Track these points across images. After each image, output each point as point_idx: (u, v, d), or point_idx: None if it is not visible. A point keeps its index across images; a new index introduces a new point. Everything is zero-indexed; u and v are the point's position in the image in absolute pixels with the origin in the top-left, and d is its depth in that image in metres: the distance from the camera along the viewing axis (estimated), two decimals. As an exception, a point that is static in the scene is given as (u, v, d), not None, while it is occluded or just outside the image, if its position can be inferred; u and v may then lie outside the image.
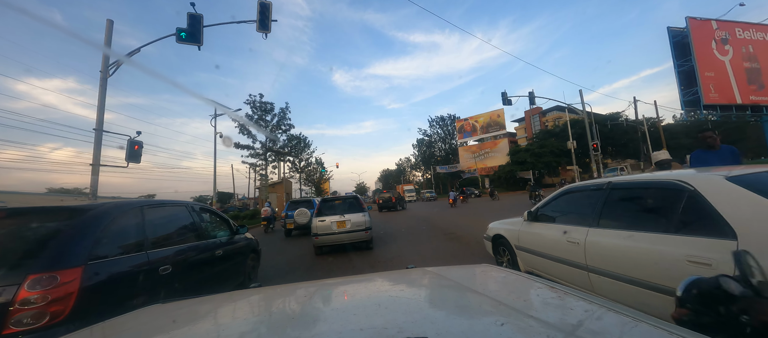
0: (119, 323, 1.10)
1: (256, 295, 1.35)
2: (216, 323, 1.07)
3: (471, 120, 54.72)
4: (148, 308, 1.26)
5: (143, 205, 2.75)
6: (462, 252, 6.45)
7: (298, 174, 41.89)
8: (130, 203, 2.73)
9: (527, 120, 61.48)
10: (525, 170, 43.06)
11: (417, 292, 1.20)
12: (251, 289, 1.47)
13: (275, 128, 27.04)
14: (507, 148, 49.33)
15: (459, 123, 56.64)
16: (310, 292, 1.25)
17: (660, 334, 0.66)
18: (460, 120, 56.44)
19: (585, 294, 0.95)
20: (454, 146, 63.30)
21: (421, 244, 7.98)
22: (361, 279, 1.51)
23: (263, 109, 26.18)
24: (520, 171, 43.56)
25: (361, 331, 0.76)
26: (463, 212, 16.81)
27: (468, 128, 55.10)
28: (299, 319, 0.96)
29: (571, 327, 0.73)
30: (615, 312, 0.80)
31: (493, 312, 0.88)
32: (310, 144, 42.31)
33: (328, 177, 64.93)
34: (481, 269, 1.44)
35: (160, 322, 1.06)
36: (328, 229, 6.83)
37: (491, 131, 52.24)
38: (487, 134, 52.85)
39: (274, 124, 27.42)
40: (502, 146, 50.13)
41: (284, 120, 27.92)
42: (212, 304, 1.28)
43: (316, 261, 6.55)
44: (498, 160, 49.54)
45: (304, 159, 42.23)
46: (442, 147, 64.15)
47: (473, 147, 54.34)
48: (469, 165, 52.30)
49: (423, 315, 0.91)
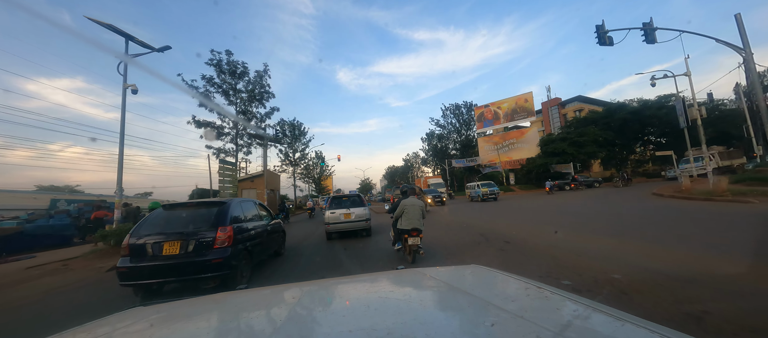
0: (97, 326, 1.05)
1: (243, 297, 1.32)
2: (198, 327, 1.03)
3: (493, 106, 47.61)
4: (128, 311, 1.22)
5: (241, 201, 5.75)
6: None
7: (292, 167, 35.36)
8: (236, 199, 5.60)
9: (545, 113, 54.25)
10: (563, 163, 35.99)
11: (407, 293, 1.19)
12: (238, 291, 1.44)
13: (250, 99, 20.22)
14: (536, 137, 42.21)
15: (478, 110, 49.55)
16: (297, 294, 1.23)
17: (644, 334, 0.66)
18: (480, 107, 49.35)
19: (572, 295, 0.95)
20: (471, 137, 56.27)
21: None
22: (351, 281, 1.52)
23: (232, 71, 18.93)
24: (555, 163, 36.50)
25: (349, 333, 0.74)
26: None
27: (489, 116, 48.01)
28: (286, 322, 0.93)
29: (559, 327, 0.74)
30: (601, 313, 0.80)
31: (482, 313, 0.87)
32: (305, 132, 35.78)
33: (331, 172, 58.60)
34: (470, 270, 1.46)
35: (138, 326, 1.02)
36: (337, 219, 8.95)
37: (517, 119, 45.08)
38: (511, 122, 45.69)
39: (246, 94, 20.19)
40: (530, 136, 42.99)
41: (261, 88, 20.60)
42: (196, 307, 1.23)
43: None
44: (524, 152, 42.49)
45: (299, 150, 35.68)
46: (457, 139, 57.18)
47: (495, 137, 47.26)
48: (490, 158, 45.29)
49: (413, 317, 0.89)
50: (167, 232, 4.44)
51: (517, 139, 44.16)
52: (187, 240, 4.35)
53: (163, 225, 4.60)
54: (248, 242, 5.10)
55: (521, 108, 44.51)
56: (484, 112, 48.58)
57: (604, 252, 5.32)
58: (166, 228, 4.52)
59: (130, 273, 4.21)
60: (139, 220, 5.01)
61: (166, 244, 4.31)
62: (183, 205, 5.47)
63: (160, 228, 4.51)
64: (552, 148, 37.26)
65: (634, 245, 5.71)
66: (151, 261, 4.25)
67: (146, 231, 4.46)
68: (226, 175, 15.72)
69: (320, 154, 55.76)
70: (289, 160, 34.89)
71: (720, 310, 2.75)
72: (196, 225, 4.58)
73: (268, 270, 5.99)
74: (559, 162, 36.44)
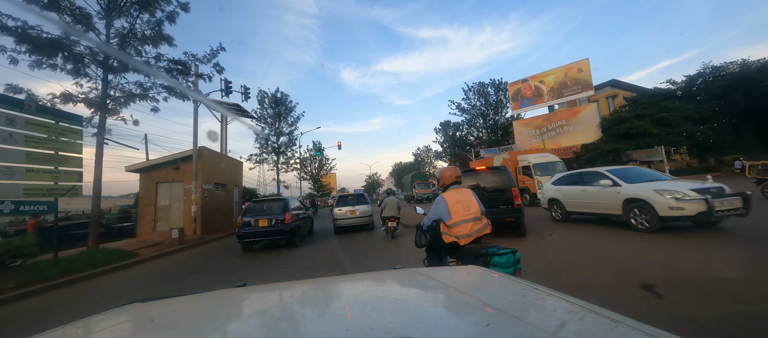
0: (96, 322, 1.05)
1: (240, 295, 1.29)
2: (197, 323, 1.01)
3: (533, 80, 37.78)
4: (127, 306, 1.20)
5: (292, 198, 11.32)
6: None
7: (276, 155, 26.29)
8: (291, 197, 11.15)
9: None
10: (642, 148, 26.19)
11: (404, 293, 1.19)
12: (236, 289, 1.40)
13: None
14: (596, 116, 32.31)
15: (513, 86, 39.73)
16: (294, 292, 1.23)
17: (639, 335, 0.66)
18: (516, 82, 39.53)
19: (568, 297, 0.94)
20: (500, 123, 46.57)
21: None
22: (348, 279, 1.50)
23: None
24: (631, 149, 26.71)
25: (346, 332, 0.74)
26: None
27: (528, 93, 38.19)
28: (283, 319, 0.93)
29: (554, 328, 0.73)
30: (596, 314, 0.80)
31: (478, 313, 0.87)
32: (293, 107, 26.71)
33: (331, 166, 49.69)
34: (467, 270, 1.46)
35: (138, 322, 1.04)
36: (344, 215, 10.75)
37: (567, 94, 35.19)
38: (560, 99, 35.79)
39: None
40: (587, 116, 33.08)
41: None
42: (194, 303, 1.22)
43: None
44: (579, 137, 32.71)
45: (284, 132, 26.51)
46: (483, 124, 47.53)
47: (537, 119, 37.44)
48: (531, 145, 35.51)
49: (409, 316, 0.87)
50: (259, 213, 8.97)
51: (568, 119, 34.28)
52: (270, 218, 8.68)
53: (257, 210, 9.10)
54: (298, 222, 9.26)
55: (573, 80, 34.57)
56: (521, 89, 38.76)
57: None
58: (258, 212, 9.05)
59: (243, 235, 8.59)
60: None
61: (260, 220, 8.67)
62: (265, 199, 10.24)
63: (255, 211, 9.08)
64: (625, 128, 27.42)
65: None
66: (253, 228, 8.63)
67: (248, 212, 9.06)
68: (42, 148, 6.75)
69: (318, 144, 47.06)
70: (271, 147, 25.88)
71: None
72: (274, 210, 9.00)
73: (306, 241, 10.00)
74: (636, 147, 26.66)
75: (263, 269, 6.74)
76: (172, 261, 8.70)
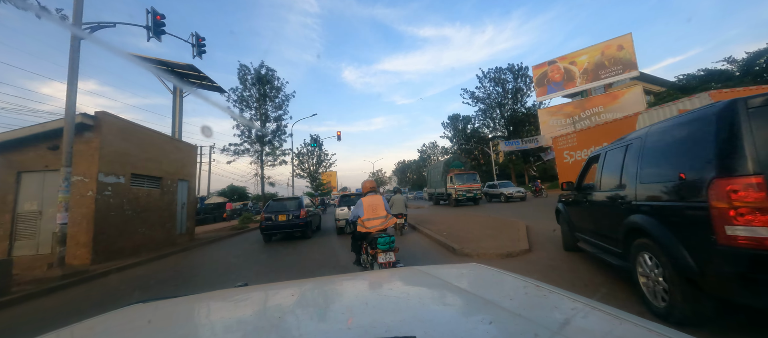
0: (95, 324, 1.00)
1: (242, 294, 1.24)
2: (197, 323, 1.00)
3: (562, 61, 32.73)
4: (127, 308, 1.14)
5: (303, 196, 12.16)
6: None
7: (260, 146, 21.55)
8: (300, 196, 12.05)
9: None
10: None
11: (405, 291, 1.19)
12: (237, 288, 1.35)
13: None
14: (641, 101, 27.25)
15: (538, 70, 34.62)
16: (296, 291, 1.21)
17: (642, 332, 0.66)
18: (541, 65, 34.45)
19: (570, 294, 0.93)
20: (520, 113, 41.60)
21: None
22: (349, 278, 1.50)
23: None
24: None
25: (348, 330, 0.74)
26: None
27: (556, 77, 33.14)
28: (285, 319, 0.92)
29: (557, 325, 0.73)
30: (599, 311, 0.79)
31: (480, 311, 0.86)
32: (281, 87, 21.94)
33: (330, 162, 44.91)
34: (469, 268, 1.43)
35: (137, 323, 0.99)
36: (345, 215, 11.03)
37: (605, 76, 30.15)
38: (595, 82, 30.75)
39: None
40: (629, 100, 27.99)
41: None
42: (195, 304, 1.19)
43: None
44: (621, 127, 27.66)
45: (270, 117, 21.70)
46: (501, 114, 42.54)
47: (568, 106, 32.43)
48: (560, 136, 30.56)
49: (411, 314, 0.87)
50: (278, 210, 10.33)
51: (606, 105, 29.25)
52: (288, 213, 10.11)
53: (277, 208, 10.50)
54: (310, 217, 10.72)
55: (613, 59, 29.50)
56: (547, 72, 33.69)
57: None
58: (277, 209, 10.45)
59: (265, 228, 10.04)
60: None
61: (279, 215, 10.08)
62: (283, 199, 12.22)
63: (275, 208, 10.50)
64: (686, 112, 22.41)
65: None
66: (274, 222, 10.03)
67: (269, 209, 10.54)
68: None
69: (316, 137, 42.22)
70: (254, 136, 21.12)
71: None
72: (290, 208, 10.41)
73: (316, 235, 11.54)
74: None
75: None
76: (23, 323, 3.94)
